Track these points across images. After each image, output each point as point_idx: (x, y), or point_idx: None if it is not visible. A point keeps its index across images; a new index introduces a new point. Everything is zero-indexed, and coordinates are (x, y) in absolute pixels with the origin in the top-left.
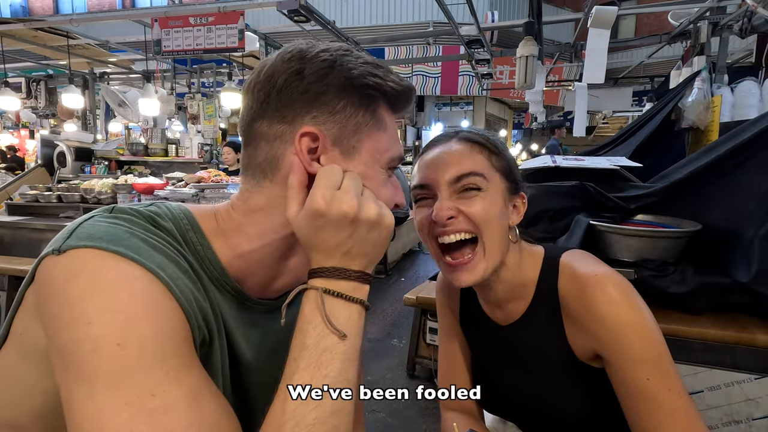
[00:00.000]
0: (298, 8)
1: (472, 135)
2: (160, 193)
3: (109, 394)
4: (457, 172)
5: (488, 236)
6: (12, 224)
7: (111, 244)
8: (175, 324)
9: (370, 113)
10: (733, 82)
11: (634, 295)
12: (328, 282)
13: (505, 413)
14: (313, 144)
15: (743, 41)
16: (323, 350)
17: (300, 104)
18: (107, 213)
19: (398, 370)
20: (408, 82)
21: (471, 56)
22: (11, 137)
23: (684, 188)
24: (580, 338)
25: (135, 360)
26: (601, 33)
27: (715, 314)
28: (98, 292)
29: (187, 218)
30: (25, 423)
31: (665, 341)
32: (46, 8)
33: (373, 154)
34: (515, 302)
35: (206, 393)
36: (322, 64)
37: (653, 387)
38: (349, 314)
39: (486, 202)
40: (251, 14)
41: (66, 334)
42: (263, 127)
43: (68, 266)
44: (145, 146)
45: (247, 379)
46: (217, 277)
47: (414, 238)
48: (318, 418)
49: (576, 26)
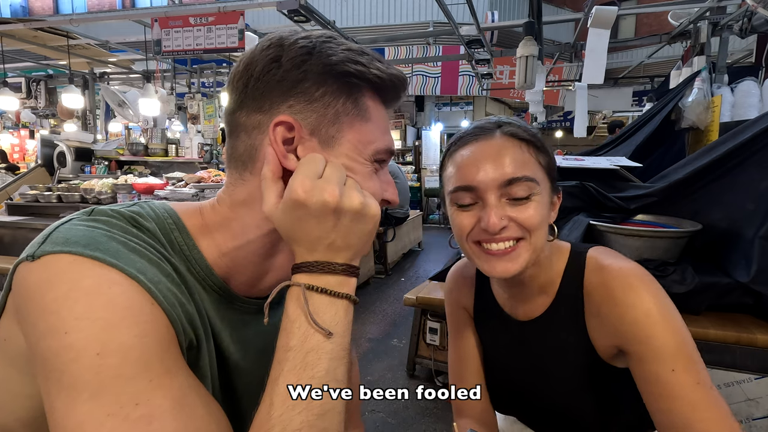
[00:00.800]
0: (298, 8)
1: (517, 130)
2: (160, 193)
3: (91, 405)
4: (509, 174)
5: (536, 238)
6: (12, 224)
7: (88, 249)
8: (159, 329)
9: (352, 102)
10: (733, 82)
11: (657, 288)
12: (312, 277)
13: (518, 412)
14: (289, 134)
15: (743, 41)
16: (309, 350)
17: (277, 93)
18: (86, 216)
19: (398, 370)
20: (396, 70)
21: (471, 56)
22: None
23: (684, 188)
24: (602, 334)
25: (116, 369)
26: (601, 33)
27: (715, 314)
28: (75, 299)
29: (171, 217)
30: (14, 428)
31: (691, 335)
32: (46, 8)
33: (356, 145)
34: (540, 297)
35: (194, 398)
36: (300, 51)
37: (679, 379)
38: (335, 311)
39: (539, 207)
40: (251, 14)
41: (44, 344)
42: (242, 117)
43: (43, 273)
44: (145, 146)
45: (236, 379)
46: (203, 277)
47: (414, 238)
48: (305, 421)
49: (576, 26)
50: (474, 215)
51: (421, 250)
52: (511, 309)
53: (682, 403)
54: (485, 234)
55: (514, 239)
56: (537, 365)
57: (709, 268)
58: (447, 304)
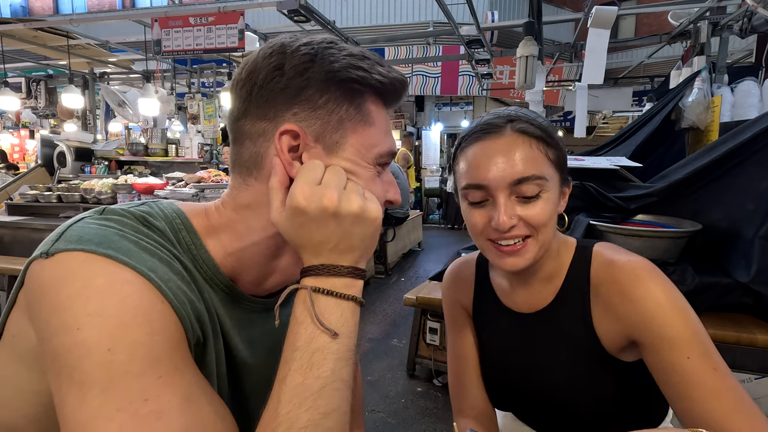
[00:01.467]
0: (298, 8)
1: (528, 126)
2: (160, 193)
3: (101, 400)
4: (519, 174)
5: (543, 233)
6: (12, 224)
7: (100, 247)
8: (168, 327)
9: (355, 108)
10: (733, 82)
11: (665, 280)
12: (319, 280)
13: (516, 408)
14: (295, 142)
15: (743, 41)
16: (314, 351)
17: (281, 100)
18: (98, 215)
19: (398, 370)
20: (397, 73)
21: (471, 56)
22: (11, 137)
23: (684, 188)
24: (610, 326)
25: (126, 365)
26: (601, 33)
27: (715, 314)
28: (88, 296)
29: (179, 217)
30: (21, 425)
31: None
32: (46, 8)
33: (359, 149)
34: (545, 288)
35: (201, 396)
36: (303, 58)
37: (695, 367)
38: (341, 312)
39: (546, 204)
40: (251, 14)
41: (56, 340)
42: (247, 125)
43: (57, 270)
44: (145, 146)
45: (244, 378)
46: (211, 276)
47: (414, 238)
48: (311, 419)
49: (576, 26)
50: (486, 214)
51: (421, 250)
52: (513, 302)
53: (699, 389)
54: (496, 233)
55: (522, 237)
56: (539, 358)
57: (709, 268)
58: (444, 303)
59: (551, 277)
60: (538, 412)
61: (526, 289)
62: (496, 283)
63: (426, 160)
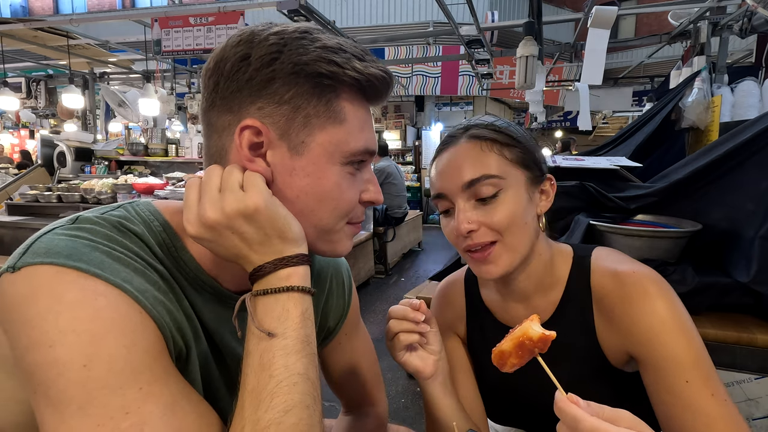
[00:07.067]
0: (298, 8)
1: (480, 131)
2: (160, 193)
3: (79, 417)
4: (468, 176)
5: (509, 236)
6: (12, 224)
7: (70, 260)
8: (147, 337)
9: (324, 104)
10: (733, 82)
11: (672, 294)
12: (260, 283)
13: (520, 424)
14: (257, 138)
15: (743, 41)
16: (263, 351)
17: (246, 93)
18: (69, 224)
19: (398, 370)
20: (378, 68)
21: (471, 56)
22: (11, 137)
23: (684, 188)
24: (613, 339)
25: (104, 380)
26: (601, 33)
27: (715, 314)
28: (58, 312)
29: (157, 219)
30: (9, 430)
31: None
32: (46, 8)
33: (327, 148)
34: (544, 300)
35: (185, 404)
36: (270, 48)
37: (694, 392)
38: (282, 306)
39: (506, 206)
40: (251, 14)
41: (30, 357)
42: (214, 117)
43: (25, 285)
44: (145, 146)
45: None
46: (194, 277)
47: (414, 238)
48: (272, 419)
49: (576, 26)
50: (453, 219)
51: (421, 250)
52: (510, 317)
53: (694, 414)
54: (463, 239)
55: (488, 242)
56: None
57: (709, 268)
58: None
59: (548, 289)
60: (540, 427)
61: (523, 303)
62: (489, 299)
63: (426, 160)
